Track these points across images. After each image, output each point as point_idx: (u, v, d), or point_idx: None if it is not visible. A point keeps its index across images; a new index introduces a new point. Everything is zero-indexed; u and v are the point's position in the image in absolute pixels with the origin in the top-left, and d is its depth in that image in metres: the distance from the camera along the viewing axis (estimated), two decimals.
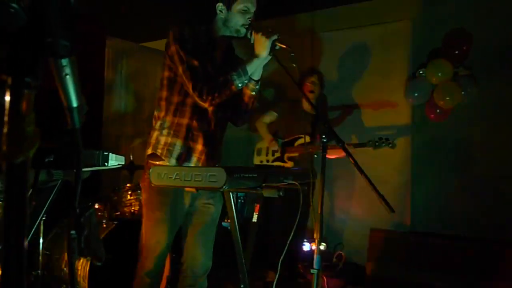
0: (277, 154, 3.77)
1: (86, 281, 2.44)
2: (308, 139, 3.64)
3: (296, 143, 3.72)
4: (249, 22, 1.94)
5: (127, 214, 2.94)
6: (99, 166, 1.32)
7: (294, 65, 1.76)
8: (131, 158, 3.42)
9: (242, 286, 1.82)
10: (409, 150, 4.03)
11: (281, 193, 1.57)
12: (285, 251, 1.77)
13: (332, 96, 4.44)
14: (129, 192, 2.99)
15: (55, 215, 2.83)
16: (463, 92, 3.61)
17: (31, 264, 2.55)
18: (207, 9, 2.02)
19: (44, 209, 1.32)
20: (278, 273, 1.80)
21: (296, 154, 3.69)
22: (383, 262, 3.87)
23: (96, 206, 2.99)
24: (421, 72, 3.83)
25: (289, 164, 3.66)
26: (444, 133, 3.94)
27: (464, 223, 3.77)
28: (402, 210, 4.04)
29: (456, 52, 3.68)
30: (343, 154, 3.34)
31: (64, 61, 0.54)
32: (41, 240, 2.53)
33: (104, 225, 2.67)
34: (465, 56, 3.71)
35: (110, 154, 1.36)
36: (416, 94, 3.83)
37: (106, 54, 4.26)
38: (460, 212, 3.81)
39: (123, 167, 3.26)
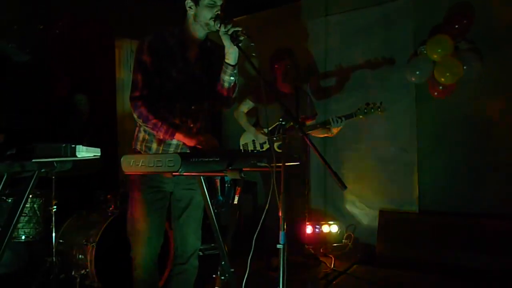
0: (266, 146, 3.61)
1: (93, 265, 2.66)
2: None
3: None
4: (216, 15, 2.02)
5: None
6: (67, 158, 1.46)
7: (254, 54, 1.84)
8: None
9: (224, 273, 1.89)
10: (414, 128, 4.00)
11: (242, 175, 1.69)
12: (258, 230, 1.84)
13: (339, 78, 4.47)
14: None
15: (67, 208, 3.09)
16: (465, 67, 3.52)
17: (45, 252, 2.80)
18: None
19: (25, 197, 1.48)
20: (252, 250, 1.85)
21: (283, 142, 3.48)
22: (392, 242, 3.89)
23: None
24: (422, 49, 3.78)
25: None
26: (451, 110, 3.87)
27: (475, 201, 3.70)
28: (411, 190, 4.03)
29: (456, 26, 3.60)
30: (335, 131, 3.30)
31: None
32: (53, 230, 2.77)
33: (110, 214, 2.88)
34: (466, 30, 3.62)
35: (79, 146, 1.48)
36: (417, 72, 3.78)
37: (116, 54, 4.48)
38: (470, 190, 3.74)
39: None
